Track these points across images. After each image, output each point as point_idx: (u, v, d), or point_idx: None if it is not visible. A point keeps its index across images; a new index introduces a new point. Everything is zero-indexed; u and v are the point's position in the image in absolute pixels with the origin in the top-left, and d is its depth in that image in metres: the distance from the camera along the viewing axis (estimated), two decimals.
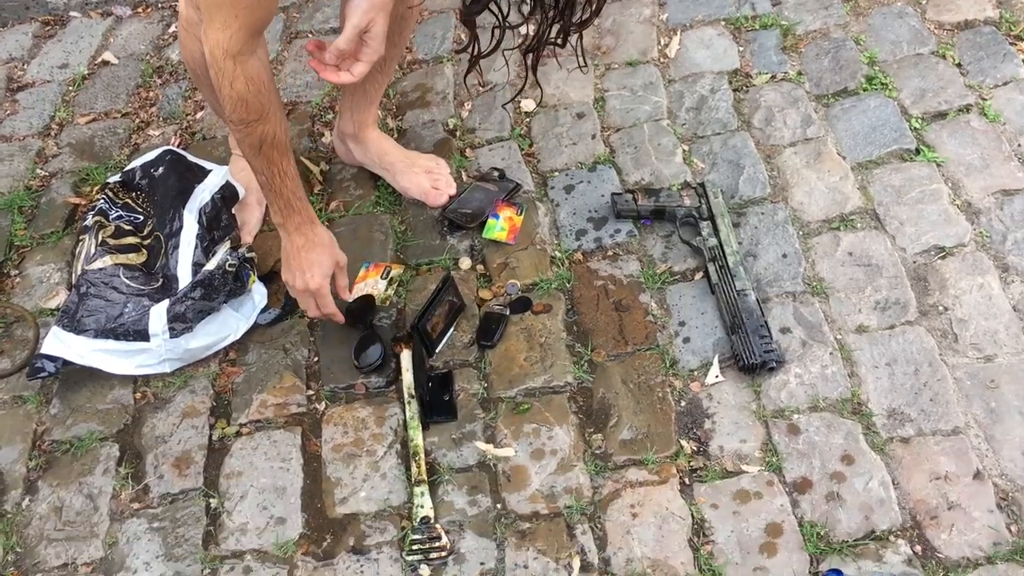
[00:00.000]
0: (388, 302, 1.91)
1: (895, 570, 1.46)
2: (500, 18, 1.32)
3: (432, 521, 1.58)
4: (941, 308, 1.76)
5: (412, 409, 1.71)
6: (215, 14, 1.44)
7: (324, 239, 1.74)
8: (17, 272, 2.08)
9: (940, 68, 2.17)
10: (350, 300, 1.86)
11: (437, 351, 1.82)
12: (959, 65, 2.17)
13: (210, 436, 1.76)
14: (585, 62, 2.02)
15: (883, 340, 1.73)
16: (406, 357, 1.78)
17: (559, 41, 1.39)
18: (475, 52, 1.40)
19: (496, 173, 2.09)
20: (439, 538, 1.56)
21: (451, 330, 1.85)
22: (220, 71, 1.48)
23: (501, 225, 2.00)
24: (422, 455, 1.65)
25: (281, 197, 1.66)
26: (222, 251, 1.87)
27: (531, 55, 1.41)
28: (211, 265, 1.83)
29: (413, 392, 1.73)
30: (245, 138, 1.57)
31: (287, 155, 1.63)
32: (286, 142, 1.62)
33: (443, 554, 1.55)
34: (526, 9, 1.28)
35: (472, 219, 2.00)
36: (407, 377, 1.76)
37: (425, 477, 1.63)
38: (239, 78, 1.49)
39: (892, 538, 1.50)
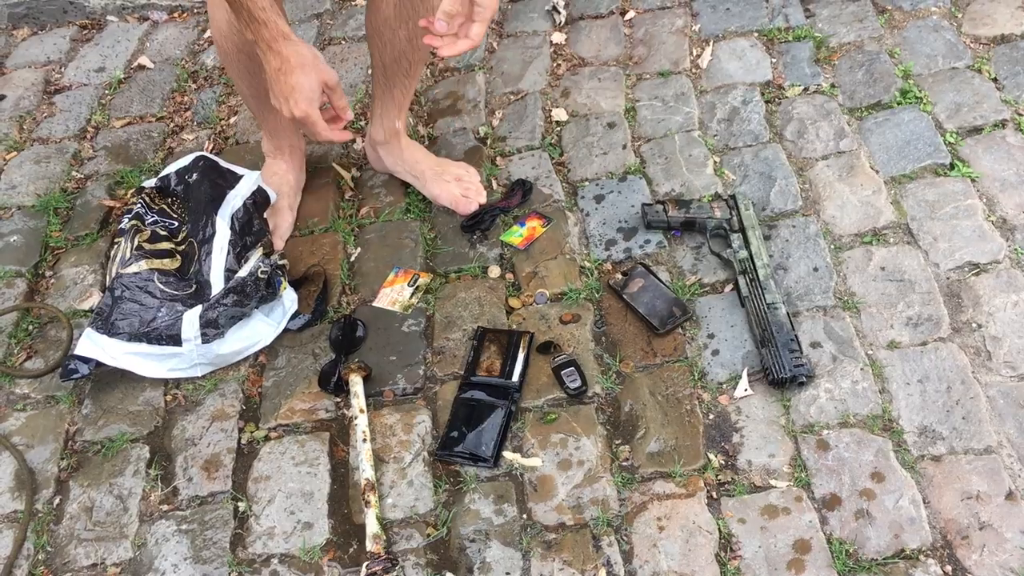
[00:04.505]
0: (410, 309, 1.92)
1: None
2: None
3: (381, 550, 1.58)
4: (974, 325, 1.74)
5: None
6: None
7: (304, 57, 1.54)
8: (52, 273, 2.11)
9: (976, 82, 2.15)
10: (350, 119, 1.68)
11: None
12: (995, 80, 2.15)
13: (239, 440, 1.78)
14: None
15: (915, 356, 1.71)
16: (356, 382, 1.78)
17: None
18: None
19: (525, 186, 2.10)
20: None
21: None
22: None
23: (521, 232, 2.01)
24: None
25: (243, 7, 1.47)
26: (254, 257, 1.89)
27: None
28: (243, 272, 1.85)
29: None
30: None
31: None
32: None
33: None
34: None
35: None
36: (356, 403, 1.76)
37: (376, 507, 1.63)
38: None
39: (922, 557, 1.49)
